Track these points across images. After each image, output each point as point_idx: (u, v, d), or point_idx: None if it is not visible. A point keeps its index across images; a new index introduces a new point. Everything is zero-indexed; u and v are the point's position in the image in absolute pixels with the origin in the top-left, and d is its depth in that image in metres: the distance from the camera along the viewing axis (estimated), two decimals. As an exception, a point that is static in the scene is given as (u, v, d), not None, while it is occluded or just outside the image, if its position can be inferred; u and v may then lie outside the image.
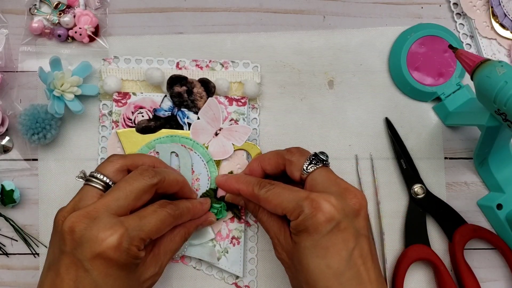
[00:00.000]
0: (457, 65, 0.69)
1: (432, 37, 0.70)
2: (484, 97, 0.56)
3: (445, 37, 0.70)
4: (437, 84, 0.69)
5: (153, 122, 0.65)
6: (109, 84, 0.66)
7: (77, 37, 0.67)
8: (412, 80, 0.69)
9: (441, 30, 0.70)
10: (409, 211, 0.68)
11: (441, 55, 0.70)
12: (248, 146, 0.66)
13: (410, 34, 0.70)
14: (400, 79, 0.70)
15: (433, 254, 0.67)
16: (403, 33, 0.71)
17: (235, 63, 0.69)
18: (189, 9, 0.71)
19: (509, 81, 0.53)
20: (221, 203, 0.64)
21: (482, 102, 0.58)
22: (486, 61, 0.56)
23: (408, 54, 0.69)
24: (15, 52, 0.68)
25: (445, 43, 0.69)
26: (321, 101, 0.70)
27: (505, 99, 0.53)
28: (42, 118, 0.64)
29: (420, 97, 0.70)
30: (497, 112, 0.56)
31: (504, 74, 0.54)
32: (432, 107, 0.71)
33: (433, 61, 0.70)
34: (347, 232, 0.50)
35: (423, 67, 0.70)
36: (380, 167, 0.69)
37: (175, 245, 0.58)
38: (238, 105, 0.67)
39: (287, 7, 0.71)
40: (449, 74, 0.70)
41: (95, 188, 0.54)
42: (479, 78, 0.56)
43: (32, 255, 0.66)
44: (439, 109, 0.70)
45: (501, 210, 0.67)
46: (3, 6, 0.69)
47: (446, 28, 0.71)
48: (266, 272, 0.67)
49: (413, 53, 0.69)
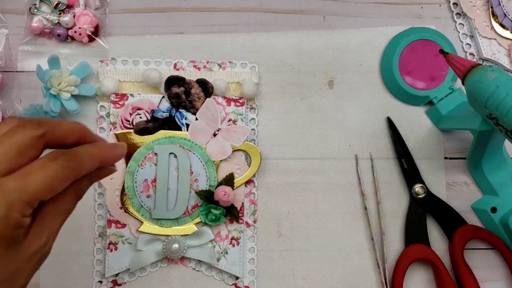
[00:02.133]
0: (449, 69, 0.69)
1: (424, 41, 0.69)
2: (475, 101, 0.56)
3: (437, 41, 0.69)
4: (430, 88, 0.69)
5: (151, 124, 0.65)
6: (107, 86, 0.66)
7: (77, 36, 0.67)
8: (405, 84, 0.69)
9: (433, 34, 0.70)
10: (409, 211, 0.68)
11: (433, 59, 0.69)
12: (246, 147, 0.66)
13: (402, 38, 0.70)
14: (392, 83, 0.70)
15: (433, 254, 0.67)
16: (394, 38, 0.71)
17: (233, 63, 0.69)
18: (189, 9, 0.71)
19: (500, 85, 0.53)
20: (220, 209, 0.64)
21: (474, 106, 0.58)
22: (477, 65, 0.56)
23: (400, 58, 0.69)
24: (15, 52, 0.68)
25: (437, 47, 0.69)
26: (321, 101, 0.70)
27: (497, 103, 0.53)
28: None
29: (413, 101, 0.70)
30: (489, 117, 0.56)
31: (495, 78, 0.54)
32: (425, 111, 0.71)
33: (425, 65, 0.69)
34: None
35: (415, 71, 0.69)
36: (380, 167, 0.69)
37: (64, 205, 0.44)
38: (236, 105, 0.67)
39: (287, 7, 0.71)
40: (442, 78, 0.69)
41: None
42: (470, 83, 0.56)
43: (31, 255, 0.66)
44: (432, 113, 0.70)
45: (495, 213, 0.67)
46: (3, 6, 0.69)
47: (438, 32, 0.70)
48: (266, 272, 0.67)
49: (405, 58, 0.69)
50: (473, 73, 0.56)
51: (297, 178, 0.68)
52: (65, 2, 0.68)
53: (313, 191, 0.68)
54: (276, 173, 0.68)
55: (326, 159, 0.69)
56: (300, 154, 0.69)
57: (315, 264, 0.67)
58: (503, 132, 0.55)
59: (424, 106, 0.70)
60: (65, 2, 0.68)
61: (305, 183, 0.68)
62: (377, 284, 0.67)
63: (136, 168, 0.65)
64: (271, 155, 0.68)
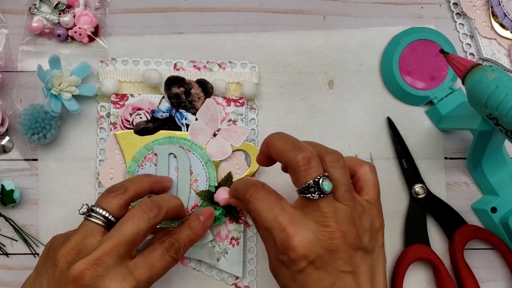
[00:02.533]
0: (449, 68, 0.69)
1: (424, 41, 0.69)
2: (475, 101, 0.56)
3: (437, 41, 0.69)
4: (430, 88, 0.69)
5: (151, 124, 0.65)
6: (107, 86, 0.66)
7: (77, 37, 0.67)
8: (405, 84, 0.69)
9: (433, 34, 0.70)
10: (409, 211, 0.68)
11: (433, 59, 0.69)
12: (246, 147, 0.66)
13: (402, 38, 0.70)
14: (392, 83, 0.70)
15: (433, 254, 0.67)
16: (394, 38, 0.71)
17: (233, 63, 0.69)
18: (189, 9, 0.71)
19: (500, 85, 0.53)
20: (220, 209, 0.64)
21: (474, 106, 0.58)
22: (477, 65, 0.56)
23: (400, 58, 0.69)
24: (15, 52, 0.68)
25: (437, 47, 0.69)
26: (321, 101, 0.70)
27: (497, 103, 0.53)
28: (42, 118, 0.64)
29: (413, 101, 0.70)
30: (489, 117, 0.56)
31: (495, 78, 0.54)
32: (425, 111, 0.71)
33: (425, 65, 0.69)
34: (323, 271, 0.47)
35: (415, 71, 0.69)
36: (380, 167, 0.69)
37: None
38: (236, 105, 0.67)
39: (287, 7, 0.71)
40: (442, 78, 0.69)
41: (98, 226, 0.52)
42: (470, 83, 0.56)
43: (32, 255, 0.66)
44: (431, 113, 0.70)
45: (495, 213, 0.67)
46: (3, 6, 0.69)
47: (438, 32, 0.70)
48: (266, 272, 0.67)
49: (405, 58, 0.69)
50: (473, 73, 0.56)
51: (297, 178, 0.68)
52: (65, 2, 0.69)
53: (313, 191, 0.68)
54: (276, 173, 0.68)
55: (326, 159, 0.69)
56: (300, 154, 0.69)
57: (315, 264, 0.67)
58: (503, 132, 0.55)
59: (424, 106, 0.70)
60: (65, 2, 0.69)
61: (305, 183, 0.68)
62: (377, 284, 0.67)
63: (136, 168, 0.65)
64: (271, 155, 0.68)
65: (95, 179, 0.67)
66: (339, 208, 0.48)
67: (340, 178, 0.49)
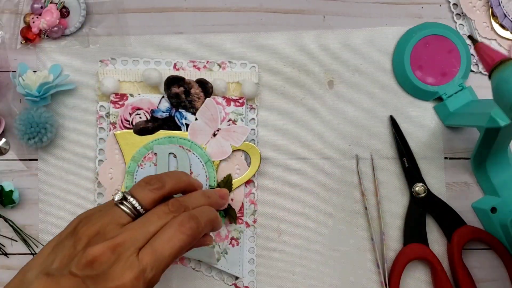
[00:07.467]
0: (460, 65, 0.69)
1: (438, 36, 0.69)
2: (501, 100, 0.51)
3: (450, 37, 0.69)
4: (440, 84, 0.69)
5: (151, 123, 0.65)
6: (106, 86, 0.66)
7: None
8: (415, 78, 0.69)
9: (446, 30, 0.70)
10: (409, 210, 0.68)
11: (445, 55, 0.69)
12: (246, 147, 0.66)
13: (415, 32, 0.70)
14: (402, 77, 0.70)
15: (431, 253, 0.67)
16: (408, 31, 0.71)
17: (233, 63, 0.69)
18: (189, 9, 0.71)
19: None
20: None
21: (498, 104, 0.53)
22: (507, 60, 0.51)
23: (412, 52, 0.69)
24: (11, 52, 0.68)
25: (450, 43, 0.69)
26: (321, 101, 0.70)
27: None
28: (37, 123, 0.63)
29: (422, 96, 0.70)
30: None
31: None
32: (433, 106, 0.71)
33: (436, 60, 0.69)
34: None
35: (426, 66, 0.69)
36: (380, 167, 0.69)
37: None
38: (236, 105, 0.67)
39: (287, 7, 0.71)
40: (452, 74, 0.69)
41: (126, 215, 0.50)
42: (498, 80, 0.51)
43: (32, 255, 0.66)
44: (439, 109, 0.70)
45: (495, 213, 0.67)
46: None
47: (451, 28, 0.70)
48: (265, 272, 0.67)
49: (417, 52, 0.69)
50: (502, 70, 0.50)
51: (297, 178, 0.68)
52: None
53: (313, 191, 0.68)
54: (276, 173, 0.68)
55: (326, 159, 0.69)
56: (300, 154, 0.69)
57: (315, 264, 0.67)
58: None
59: (430, 102, 0.70)
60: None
61: (305, 183, 0.68)
62: (377, 284, 0.67)
63: (136, 168, 0.65)
64: (271, 155, 0.68)
65: (94, 179, 0.67)
66: None
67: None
